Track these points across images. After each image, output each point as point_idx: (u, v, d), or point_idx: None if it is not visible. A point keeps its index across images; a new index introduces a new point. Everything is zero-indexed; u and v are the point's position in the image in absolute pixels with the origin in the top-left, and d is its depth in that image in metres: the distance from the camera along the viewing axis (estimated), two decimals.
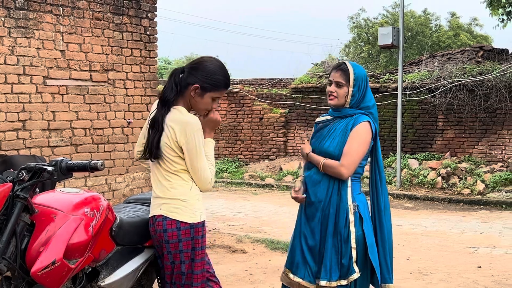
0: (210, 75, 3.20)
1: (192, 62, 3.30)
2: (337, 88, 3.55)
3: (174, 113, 3.17)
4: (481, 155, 13.11)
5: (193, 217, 3.16)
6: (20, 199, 2.76)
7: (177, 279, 3.20)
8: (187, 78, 3.20)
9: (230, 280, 5.68)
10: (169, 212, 3.15)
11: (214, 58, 3.32)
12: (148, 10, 7.41)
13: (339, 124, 3.56)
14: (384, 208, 3.61)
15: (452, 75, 13.31)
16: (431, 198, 11.79)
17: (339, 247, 3.45)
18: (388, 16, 29.85)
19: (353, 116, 3.53)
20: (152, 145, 3.17)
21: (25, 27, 6.06)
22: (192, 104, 3.25)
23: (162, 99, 3.20)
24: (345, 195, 3.48)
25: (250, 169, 15.29)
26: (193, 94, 3.20)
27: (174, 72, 3.26)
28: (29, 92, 6.13)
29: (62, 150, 6.45)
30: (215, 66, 3.24)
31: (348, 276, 3.44)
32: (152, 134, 3.18)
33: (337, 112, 3.61)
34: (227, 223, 8.99)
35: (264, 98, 16.17)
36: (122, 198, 7.00)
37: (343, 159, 3.44)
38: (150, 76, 7.48)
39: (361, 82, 3.54)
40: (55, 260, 2.74)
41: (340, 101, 3.55)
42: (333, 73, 3.59)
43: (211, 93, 3.22)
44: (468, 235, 8.25)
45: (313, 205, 3.56)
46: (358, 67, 3.60)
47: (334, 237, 3.46)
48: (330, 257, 3.45)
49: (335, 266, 3.44)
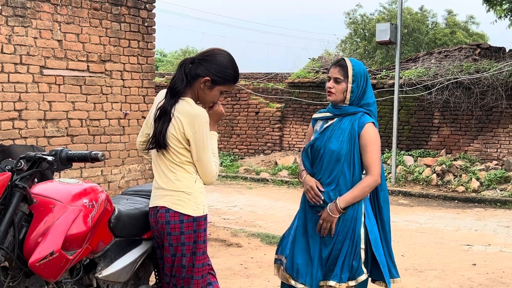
0: (222, 69, 3.16)
1: (203, 54, 3.25)
2: (335, 84, 3.51)
3: (182, 105, 3.13)
4: (476, 153, 13.13)
5: (196, 210, 3.14)
6: (19, 189, 2.73)
7: (177, 271, 3.18)
8: (197, 69, 3.16)
9: (225, 274, 5.67)
10: (173, 204, 3.12)
11: (225, 51, 3.27)
12: (147, 1, 7.36)
13: (342, 123, 3.51)
14: (384, 203, 3.59)
15: (449, 72, 13.32)
16: (426, 195, 11.81)
17: (353, 249, 3.43)
18: (384, 13, 29.83)
19: (356, 115, 3.49)
20: (160, 135, 3.13)
21: (23, 16, 6.01)
22: (199, 96, 3.21)
23: (172, 89, 3.16)
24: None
25: (245, 163, 15.27)
26: (202, 87, 3.17)
27: (184, 62, 3.21)
28: (25, 81, 6.08)
29: (58, 140, 6.41)
30: (227, 60, 3.20)
31: (357, 277, 3.43)
32: (160, 124, 3.14)
33: (338, 110, 3.56)
34: (222, 217, 8.97)
35: (261, 92, 16.14)
36: (118, 190, 6.98)
37: (372, 169, 3.43)
38: (147, 68, 7.43)
39: (361, 78, 3.50)
40: (53, 251, 2.72)
41: (338, 97, 3.51)
42: (332, 69, 3.57)
43: (220, 86, 3.20)
44: (462, 233, 8.27)
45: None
46: (358, 63, 3.57)
47: (350, 240, 3.43)
48: (343, 260, 3.42)
49: (346, 268, 3.42)
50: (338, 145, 3.45)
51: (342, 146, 3.45)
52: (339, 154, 3.44)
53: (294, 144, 15.43)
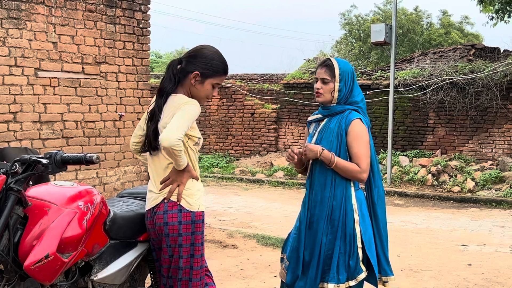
0: (208, 61, 3.21)
1: (189, 52, 3.31)
2: (322, 84, 3.54)
3: (171, 100, 3.17)
4: (471, 153, 13.16)
5: (193, 206, 3.16)
6: (14, 192, 2.72)
7: (174, 273, 3.18)
8: (186, 67, 3.21)
9: (221, 275, 5.67)
10: (170, 196, 3.16)
11: (210, 45, 3.33)
12: (141, 3, 7.35)
13: (331, 123, 3.53)
14: (378, 201, 3.58)
15: (444, 73, 13.35)
16: (421, 195, 11.83)
17: (347, 248, 3.42)
18: (379, 13, 29.88)
19: (344, 113, 3.51)
20: (151, 137, 3.15)
21: (17, 18, 6.00)
22: (192, 93, 3.23)
23: (161, 90, 3.20)
24: (350, 196, 3.48)
25: (241, 164, 15.27)
26: (193, 82, 3.20)
27: (172, 63, 3.26)
28: (20, 83, 6.07)
29: (53, 142, 6.40)
30: (212, 52, 3.26)
31: (356, 276, 3.43)
32: (151, 125, 3.18)
33: (326, 110, 3.58)
34: (218, 218, 8.97)
35: (256, 93, 16.14)
36: (113, 192, 6.96)
37: (361, 163, 3.43)
38: (142, 69, 7.43)
39: (347, 76, 3.52)
40: (49, 254, 2.71)
41: (326, 97, 3.54)
42: (319, 70, 3.59)
43: (211, 79, 3.23)
44: (458, 233, 8.29)
45: (316, 208, 3.51)
46: (344, 62, 3.59)
47: (342, 239, 3.43)
48: (337, 260, 3.42)
49: (342, 268, 3.42)
50: (328, 145, 3.48)
51: (331, 146, 3.47)
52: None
53: (289, 145, 15.42)
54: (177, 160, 3.02)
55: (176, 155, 2.98)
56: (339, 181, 3.48)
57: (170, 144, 2.93)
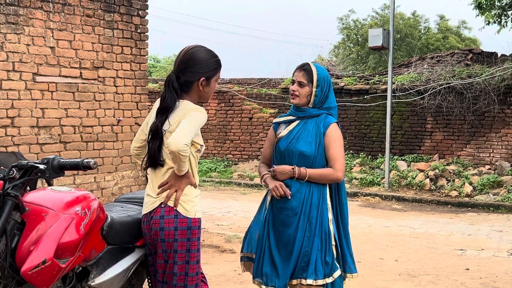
0: (206, 63, 3.26)
1: (180, 63, 3.26)
2: (299, 87, 3.67)
3: (177, 106, 3.19)
4: (469, 158, 13.18)
5: (189, 212, 3.16)
6: (11, 197, 2.72)
7: (168, 279, 3.18)
8: (189, 78, 3.23)
9: (219, 280, 5.66)
10: (168, 201, 3.16)
11: (194, 46, 3.33)
12: (139, 8, 7.37)
13: (307, 125, 3.66)
14: (345, 199, 3.72)
15: (442, 77, 13.38)
16: (419, 200, 11.84)
17: (323, 246, 3.53)
18: (377, 18, 29.91)
19: (320, 117, 3.66)
20: (155, 154, 3.17)
21: (15, 23, 6.00)
22: (201, 96, 3.31)
23: (163, 109, 3.20)
24: (325, 196, 3.61)
25: (239, 169, 15.27)
26: (201, 88, 3.26)
27: (170, 79, 3.24)
28: (18, 88, 6.07)
29: (51, 147, 6.40)
30: (203, 53, 3.28)
31: (333, 273, 3.55)
32: (153, 143, 3.19)
33: (301, 112, 3.71)
34: (216, 223, 8.97)
35: (254, 98, 16.15)
36: (111, 197, 6.96)
37: (336, 164, 3.59)
38: (140, 74, 7.43)
39: (324, 83, 3.67)
40: (46, 259, 2.71)
41: (302, 100, 3.67)
42: (296, 72, 3.72)
43: (214, 77, 3.32)
44: (456, 237, 8.29)
45: (290, 210, 3.59)
46: (321, 69, 3.73)
47: (318, 237, 3.54)
48: (315, 257, 3.52)
49: (319, 265, 3.52)
50: (306, 146, 3.60)
51: (311, 147, 3.59)
52: (308, 155, 3.59)
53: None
54: (181, 165, 3.04)
55: (181, 160, 3.00)
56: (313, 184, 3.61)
57: (178, 149, 2.94)
